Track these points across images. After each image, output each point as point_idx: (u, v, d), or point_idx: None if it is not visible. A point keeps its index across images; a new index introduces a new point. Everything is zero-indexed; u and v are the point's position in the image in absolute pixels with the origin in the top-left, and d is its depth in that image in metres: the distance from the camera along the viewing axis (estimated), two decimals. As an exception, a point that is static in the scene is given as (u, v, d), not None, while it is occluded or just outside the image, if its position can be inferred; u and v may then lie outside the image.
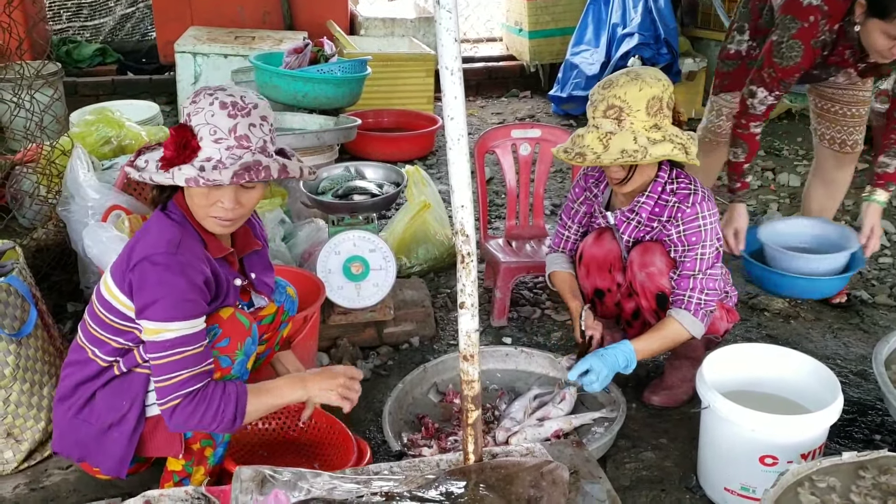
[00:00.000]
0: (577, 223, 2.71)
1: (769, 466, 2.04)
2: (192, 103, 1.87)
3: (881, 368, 2.34)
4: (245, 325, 2.02)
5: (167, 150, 1.86)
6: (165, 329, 1.84)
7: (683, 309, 2.40)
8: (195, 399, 1.86)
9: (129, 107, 4.24)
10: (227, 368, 2.00)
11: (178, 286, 1.84)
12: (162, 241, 1.87)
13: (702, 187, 2.45)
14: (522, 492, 1.74)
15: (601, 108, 2.29)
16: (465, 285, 1.73)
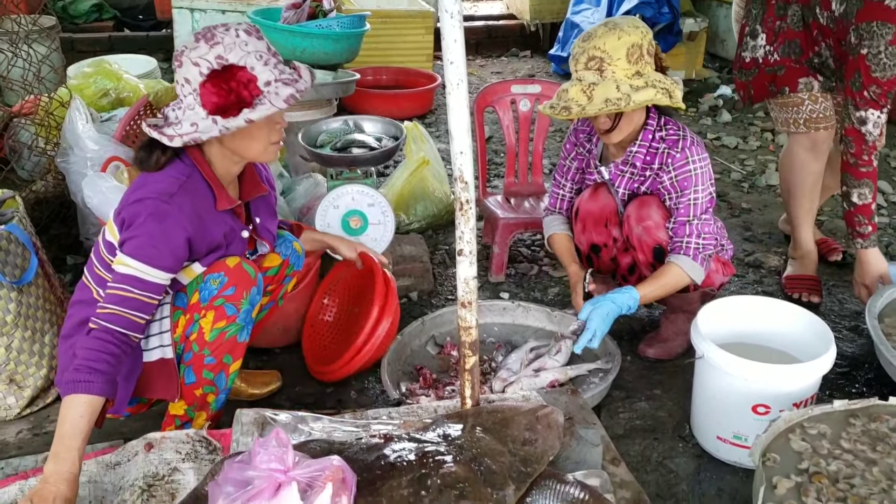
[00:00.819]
0: (571, 180, 2.72)
1: (761, 415, 2.07)
2: (215, 44, 1.83)
3: (874, 321, 2.37)
4: (251, 274, 2.04)
5: (223, 98, 1.84)
6: (124, 263, 1.86)
7: (683, 254, 2.42)
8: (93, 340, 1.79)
9: (126, 61, 4.21)
10: (233, 317, 2.01)
11: (153, 231, 1.86)
12: (158, 189, 1.90)
13: (690, 133, 2.46)
14: (518, 434, 1.77)
15: (582, 60, 2.30)
16: (463, 232, 1.74)
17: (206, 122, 1.86)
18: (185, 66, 1.85)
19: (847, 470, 1.79)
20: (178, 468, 1.81)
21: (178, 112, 1.91)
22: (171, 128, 1.88)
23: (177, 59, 1.87)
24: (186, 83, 1.87)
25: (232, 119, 1.85)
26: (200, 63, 1.84)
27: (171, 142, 1.87)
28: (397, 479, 1.57)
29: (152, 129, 1.89)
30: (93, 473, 1.81)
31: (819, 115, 2.89)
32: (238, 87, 1.85)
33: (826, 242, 3.36)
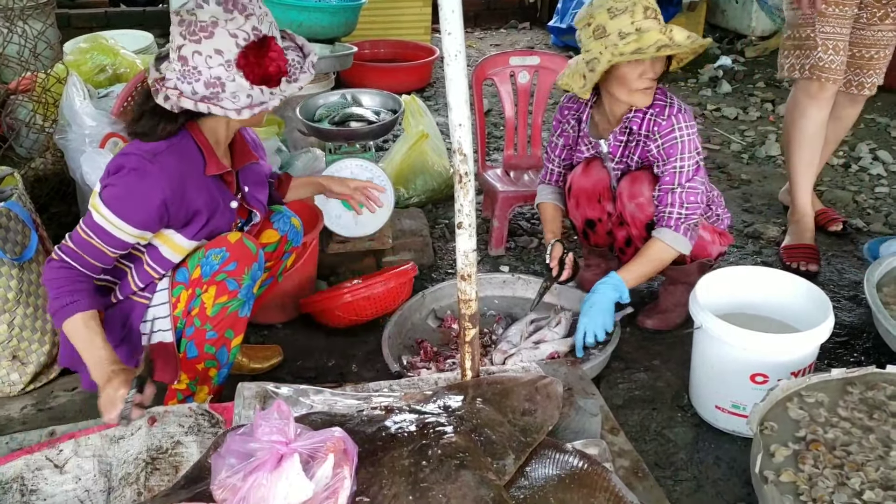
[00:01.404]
0: (558, 156, 2.73)
1: (760, 384, 2.08)
2: (249, 15, 1.81)
3: (872, 290, 2.37)
4: (252, 250, 2.04)
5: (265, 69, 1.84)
6: (99, 211, 1.87)
7: (665, 227, 2.42)
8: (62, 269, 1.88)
9: (123, 36, 4.17)
10: (234, 292, 2.02)
11: (130, 185, 1.86)
12: (146, 147, 1.89)
13: (677, 100, 2.45)
14: (517, 405, 1.78)
15: (639, 10, 2.29)
16: (462, 205, 1.75)
17: (257, 92, 1.85)
18: (219, 37, 1.80)
19: (844, 437, 1.81)
20: (182, 441, 1.83)
21: (197, 86, 1.83)
22: (228, 101, 1.83)
23: (203, 30, 1.79)
24: (217, 54, 1.80)
25: (277, 88, 1.88)
26: (238, 34, 1.80)
27: (238, 115, 1.84)
28: (398, 449, 1.59)
29: (208, 104, 1.82)
30: (97, 447, 1.83)
31: (825, 66, 2.91)
32: (276, 57, 1.87)
33: (826, 213, 3.36)
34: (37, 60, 3.14)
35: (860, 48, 3.02)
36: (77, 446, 1.83)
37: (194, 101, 1.83)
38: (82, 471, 1.79)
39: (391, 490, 1.50)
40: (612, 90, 2.41)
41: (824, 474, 1.70)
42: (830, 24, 2.89)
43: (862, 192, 3.73)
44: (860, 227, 3.39)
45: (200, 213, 2.00)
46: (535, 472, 1.62)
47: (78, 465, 1.80)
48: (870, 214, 3.52)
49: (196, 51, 1.81)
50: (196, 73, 1.83)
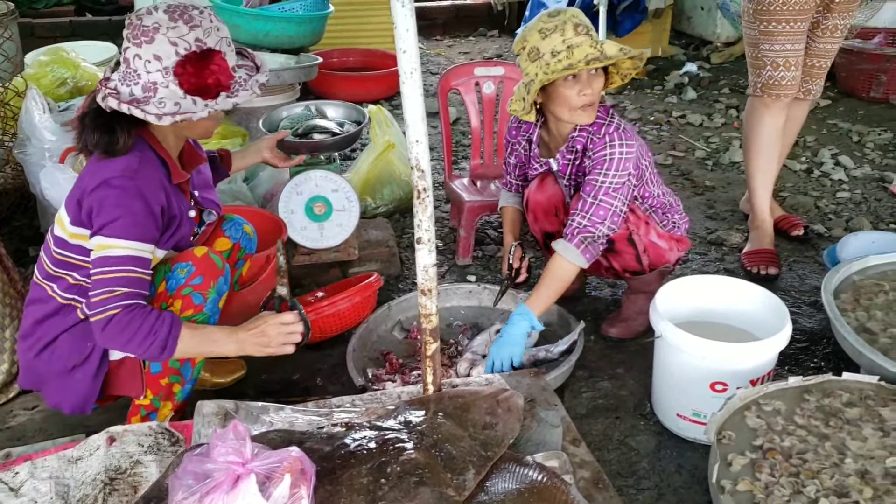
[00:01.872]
0: (513, 172, 2.77)
1: (719, 393, 2.11)
2: (194, 27, 1.83)
3: (829, 297, 2.41)
4: (218, 264, 2.04)
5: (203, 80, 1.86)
6: (117, 245, 1.85)
7: (566, 240, 2.40)
8: (132, 312, 1.84)
9: (85, 48, 4.13)
10: (200, 306, 2.02)
11: (134, 208, 1.86)
12: (118, 167, 1.88)
13: (618, 119, 2.47)
14: (479, 419, 1.79)
15: (569, 27, 2.29)
16: (421, 220, 1.76)
17: (187, 101, 1.85)
18: (159, 44, 1.81)
19: (800, 445, 1.84)
20: (141, 461, 1.81)
21: (135, 88, 1.85)
22: (152, 105, 1.83)
23: (144, 34, 1.81)
24: (155, 60, 1.82)
25: (212, 101, 1.88)
26: (179, 43, 1.82)
27: (159, 121, 1.83)
28: (357, 467, 1.59)
29: (133, 107, 1.82)
30: (54, 469, 1.80)
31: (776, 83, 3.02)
32: (217, 70, 1.88)
33: (787, 218, 3.41)
34: (-5, 74, 3.11)
35: (810, 57, 3.12)
36: (33, 468, 1.81)
37: (120, 102, 1.83)
38: (38, 493, 1.76)
39: (350, 508, 1.50)
40: (555, 110, 2.41)
41: (780, 483, 1.73)
42: (780, 42, 2.96)
43: (823, 198, 3.79)
44: (821, 232, 3.44)
45: (175, 218, 2.01)
46: (494, 487, 1.62)
47: (34, 488, 1.77)
48: (831, 220, 3.58)
49: (137, 54, 1.83)
50: (136, 75, 1.85)
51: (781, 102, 3.07)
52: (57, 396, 2.05)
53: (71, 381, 2.01)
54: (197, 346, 1.97)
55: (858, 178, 4.01)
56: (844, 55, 5.05)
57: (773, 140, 3.15)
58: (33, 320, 2.02)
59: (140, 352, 1.89)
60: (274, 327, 2.00)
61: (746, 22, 3.05)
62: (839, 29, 3.06)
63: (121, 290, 1.85)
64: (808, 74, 3.15)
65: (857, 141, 4.47)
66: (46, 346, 2.01)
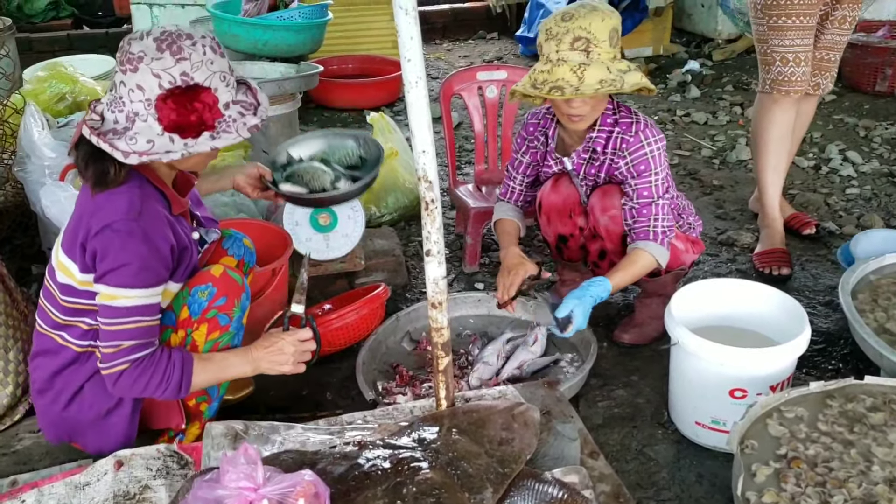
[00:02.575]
0: (522, 174, 2.68)
1: (739, 399, 2.06)
2: (181, 59, 1.71)
3: (847, 298, 2.36)
4: (238, 281, 2.00)
5: (184, 117, 1.74)
6: (122, 296, 1.77)
7: (651, 240, 2.38)
8: (142, 365, 1.80)
9: (83, 62, 4.11)
10: (226, 326, 1.98)
11: (140, 253, 1.77)
12: (121, 208, 1.77)
13: (643, 116, 2.44)
14: (494, 434, 1.75)
15: (567, 40, 2.22)
16: (430, 232, 1.72)
17: (163, 139, 1.74)
18: (142, 74, 1.71)
19: (825, 453, 1.79)
20: (150, 486, 1.77)
21: (119, 116, 1.75)
22: (123, 140, 1.73)
23: (130, 62, 1.72)
24: (138, 90, 1.72)
25: (192, 140, 1.76)
26: (162, 76, 1.71)
27: (125, 158, 1.72)
28: (372, 489, 1.55)
29: (102, 140, 1.72)
30: (61, 496, 1.77)
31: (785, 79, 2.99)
32: (202, 108, 1.76)
33: (798, 217, 3.36)
34: (-8, 91, 3.07)
35: (819, 50, 3.09)
36: (40, 496, 1.78)
37: (91, 132, 1.73)
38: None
39: (366, 532, 1.46)
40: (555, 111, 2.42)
41: (807, 493, 1.68)
42: (790, 38, 2.94)
43: (833, 195, 3.74)
44: (833, 230, 3.39)
45: (185, 251, 1.93)
46: (513, 506, 1.58)
47: (41, 516, 1.74)
48: (842, 217, 3.53)
49: (123, 81, 1.75)
50: (121, 102, 1.76)
51: (791, 99, 3.03)
52: (97, 443, 1.97)
53: (108, 426, 1.95)
54: (213, 375, 1.94)
55: (867, 173, 3.96)
56: (849, 49, 4.96)
57: (784, 137, 3.12)
58: (49, 373, 1.93)
59: (157, 396, 1.86)
60: (291, 345, 1.97)
61: (755, 18, 3.01)
62: (848, 20, 3.03)
63: (128, 343, 1.79)
64: (817, 68, 3.11)
65: (864, 136, 4.43)
66: (73, 397, 1.93)
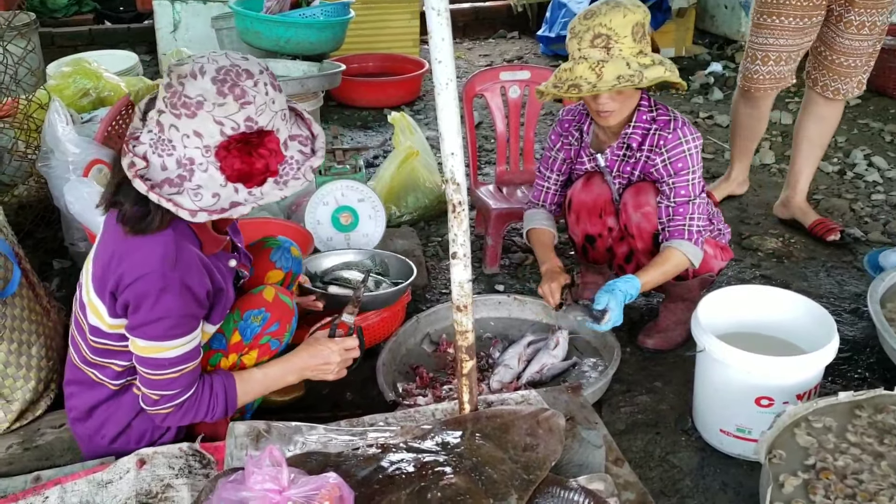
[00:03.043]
0: (557, 171, 2.66)
1: (765, 408, 2.04)
2: (245, 104, 1.58)
3: (877, 307, 2.33)
4: (290, 305, 1.99)
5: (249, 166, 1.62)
6: (164, 348, 1.70)
7: (685, 239, 2.36)
8: (185, 406, 1.78)
9: (106, 57, 4.13)
10: (276, 350, 1.98)
11: (177, 307, 1.68)
12: (155, 258, 1.65)
13: (679, 114, 2.42)
14: (518, 440, 1.73)
15: (587, 38, 2.22)
16: (456, 235, 1.70)
17: (228, 190, 1.62)
18: (201, 120, 1.58)
19: (854, 465, 1.76)
20: (172, 484, 1.77)
21: (168, 161, 1.61)
22: (187, 197, 1.60)
23: (186, 107, 1.58)
24: (196, 136, 1.59)
25: (258, 189, 1.65)
26: (225, 123, 1.58)
27: (192, 217, 1.60)
28: (396, 493, 1.54)
29: (162, 198, 1.58)
30: (84, 494, 1.77)
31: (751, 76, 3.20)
32: (267, 154, 1.64)
33: (823, 223, 3.32)
34: (18, 86, 3.08)
35: (837, 55, 3.09)
36: (63, 492, 1.78)
37: (150, 188, 1.59)
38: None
39: (390, 537, 1.45)
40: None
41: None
42: (763, 35, 3.08)
43: (858, 200, 3.70)
44: (858, 236, 3.35)
45: (221, 293, 1.84)
46: (538, 513, 1.57)
47: (64, 513, 1.74)
48: (867, 223, 3.49)
49: (174, 125, 1.60)
50: (170, 146, 1.61)
51: (752, 95, 3.19)
52: None
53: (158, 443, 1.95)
54: (257, 391, 1.93)
55: (893, 179, 3.91)
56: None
57: (748, 127, 3.39)
58: (87, 406, 1.91)
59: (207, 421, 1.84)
60: (339, 354, 1.98)
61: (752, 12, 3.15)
62: (866, 26, 2.99)
63: (172, 392, 1.75)
64: (835, 73, 3.11)
65: (889, 141, 4.38)
66: (120, 433, 1.91)
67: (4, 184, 3.30)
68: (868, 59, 3.10)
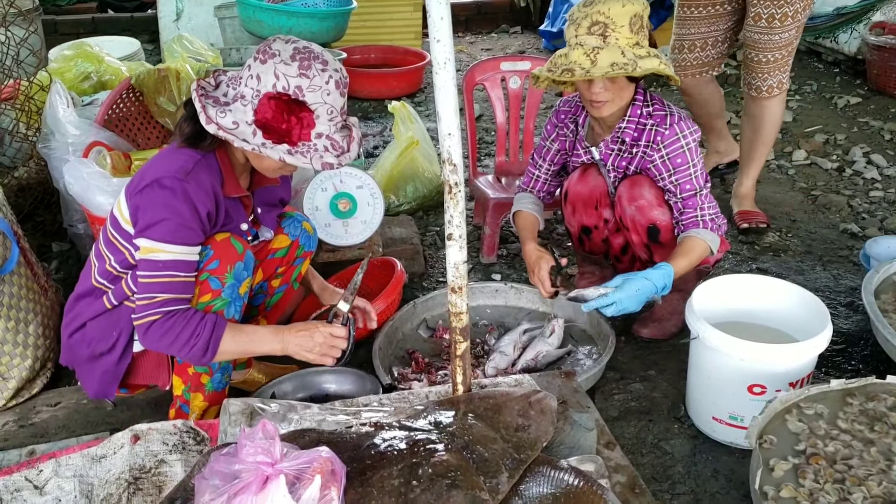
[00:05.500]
0: (549, 162, 2.67)
1: (757, 395, 2.04)
2: (303, 76, 1.80)
3: (870, 297, 2.34)
4: (238, 249, 1.99)
5: (277, 122, 1.82)
6: (161, 249, 1.84)
7: (703, 228, 2.38)
8: (173, 317, 1.86)
9: (109, 43, 4.14)
10: (218, 291, 1.97)
11: (181, 211, 1.84)
12: (173, 167, 1.86)
13: (676, 108, 2.42)
14: (511, 420, 1.74)
15: (585, 24, 2.23)
16: (452, 216, 1.71)
17: (248, 129, 1.82)
18: (267, 68, 1.81)
19: (845, 450, 1.77)
20: (166, 460, 1.78)
21: (230, 91, 1.87)
22: (215, 110, 1.83)
23: (264, 53, 1.83)
24: (256, 79, 1.83)
25: (269, 143, 1.83)
26: (281, 78, 1.80)
27: (206, 124, 1.82)
28: (388, 468, 1.54)
29: (199, 99, 1.84)
30: (78, 467, 1.77)
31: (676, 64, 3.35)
32: (296, 123, 1.83)
33: (747, 213, 3.38)
34: (19, 68, 3.08)
35: (750, 50, 3.12)
36: (57, 466, 1.78)
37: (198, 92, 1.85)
38: (63, 492, 1.74)
39: (381, 511, 1.46)
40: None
41: (825, 489, 1.66)
42: (686, 27, 3.26)
43: (856, 197, 3.70)
44: (855, 231, 3.36)
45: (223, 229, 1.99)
46: (528, 491, 1.58)
47: (58, 486, 1.74)
48: (864, 219, 3.49)
49: (249, 65, 1.86)
50: (238, 81, 1.87)
51: (686, 83, 3.36)
52: (84, 380, 2.09)
53: (96, 368, 2.03)
54: (240, 346, 1.97)
55: (892, 176, 3.92)
56: (876, 52, 4.95)
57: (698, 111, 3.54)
58: (76, 295, 2.06)
59: (182, 355, 1.90)
60: (321, 335, 2.01)
61: None
62: (776, 18, 2.98)
63: (162, 296, 1.85)
64: (752, 70, 3.15)
65: (889, 139, 4.38)
66: (77, 329, 2.04)
67: (5, 166, 3.31)
68: (783, 54, 3.07)
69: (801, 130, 4.54)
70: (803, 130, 4.54)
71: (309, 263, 2.40)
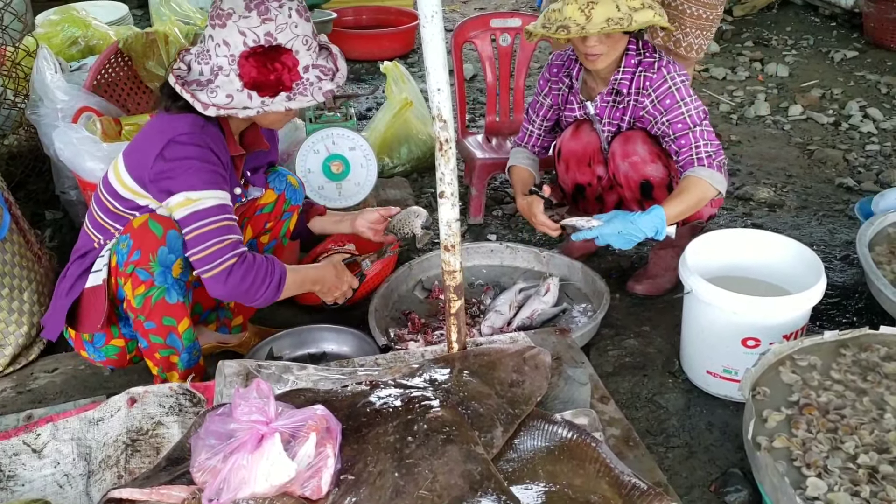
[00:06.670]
0: (542, 117, 2.65)
1: (751, 349, 2.05)
2: (267, 20, 1.79)
3: (864, 249, 2.34)
4: (157, 233, 1.88)
5: (264, 76, 1.82)
6: (203, 197, 1.84)
7: (698, 166, 2.30)
8: (246, 260, 1.87)
9: (96, 7, 4.07)
10: (149, 281, 1.90)
11: (208, 158, 1.86)
12: (184, 125, 1.86)
13: (664, 54, 2.39)
14: (505, 376, 1.75)
15: None
16: (444, 174, 1.70)
17: (242, 95, 1.83)
18: (229, 30, 1.80)
19: (837, 401, 1.78)
20: (162, 422, 1.79)
21: (204, 68, 1.85)
22: (205, 93, 1.83)
23: (219, 17, 1.81)
24: (224, 45, 1.81)
25: (269, 99, 1.84)
26: (247, 34, 1.79)
27: (205, 110, 1.82)
28: (383, 425, 1.55)
29: (185, 90, 1.83)
30: (76, 431, 1.79)
31: None
32: (281, 69, 1.84)
33: None
34: (4, 33, 3.04)
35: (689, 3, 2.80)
36: (55, 430, 1.80)
37: (176, 81, 1.84)
38: (61, 455, 1.75)
39: (376, 467, 1.47)
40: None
41: (818, 439, 1.67)
42: None
43: (852, 151, 3.69)
44: (851, 185, 3.35)
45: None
46: (523, 445, 1.59)
47: (56, 449, 1.76)
48: (860, 173, 3.48)
49: (211, 35, 1.84)
50: (207, 55, 1.85)
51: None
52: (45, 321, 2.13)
53: (56, 304, 2.06)
54: (296, 280, 2.02)
55: (888, 130, 3.90)
56: (873, 4, 4.90)
57: None
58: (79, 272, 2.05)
59: (259, 295, 1.91)
60: (348, 284, 2.18)
61: None
62: None
63: (228, 238, 1.86)
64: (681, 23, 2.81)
65: (885, 93, 4.35)
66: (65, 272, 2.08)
67: (-6, 134, 3.28)
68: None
69: (798, 85, 4.51)
70: (799, 85, 4.51)
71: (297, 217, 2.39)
